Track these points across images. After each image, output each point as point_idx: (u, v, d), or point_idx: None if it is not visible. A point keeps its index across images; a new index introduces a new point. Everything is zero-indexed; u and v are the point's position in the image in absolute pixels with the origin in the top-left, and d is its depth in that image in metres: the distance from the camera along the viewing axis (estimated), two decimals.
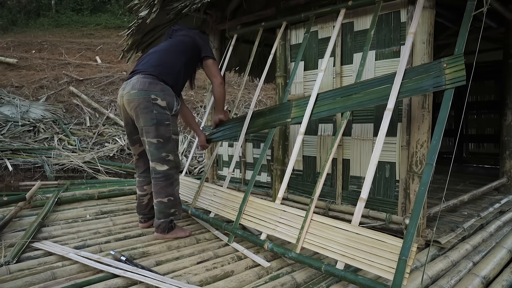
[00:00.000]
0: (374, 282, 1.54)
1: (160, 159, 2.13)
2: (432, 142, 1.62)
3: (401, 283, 1.44)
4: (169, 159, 2.15)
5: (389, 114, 1.83)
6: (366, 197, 1.76)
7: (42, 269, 1.77)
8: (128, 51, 3.74)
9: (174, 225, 2.29)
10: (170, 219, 2.22)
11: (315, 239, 1.83)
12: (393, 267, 1.51)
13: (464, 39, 1.71)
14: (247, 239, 2.14)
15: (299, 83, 2.76)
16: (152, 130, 2.07)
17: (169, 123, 2.12)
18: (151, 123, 2.06)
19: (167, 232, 2.23)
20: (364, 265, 1.61)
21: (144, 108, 2.05)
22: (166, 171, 2.15)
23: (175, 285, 1.59)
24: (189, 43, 2.32)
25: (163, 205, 2.19)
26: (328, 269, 1.68)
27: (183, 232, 2.30)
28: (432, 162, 1.59)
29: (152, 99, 2.05)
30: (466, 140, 5.14)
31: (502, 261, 1.96)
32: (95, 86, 8.35)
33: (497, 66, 4.44)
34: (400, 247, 1.52)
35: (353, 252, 1.67)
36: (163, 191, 2.16)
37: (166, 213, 2.20)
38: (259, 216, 2.15)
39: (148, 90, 2.05)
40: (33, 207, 2.90)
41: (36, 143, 5.91)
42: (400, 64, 1.89)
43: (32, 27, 13.12)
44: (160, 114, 2.07)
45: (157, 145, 2.10)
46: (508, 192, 3.34)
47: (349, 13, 2.40)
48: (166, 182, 2.16)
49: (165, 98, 2.09)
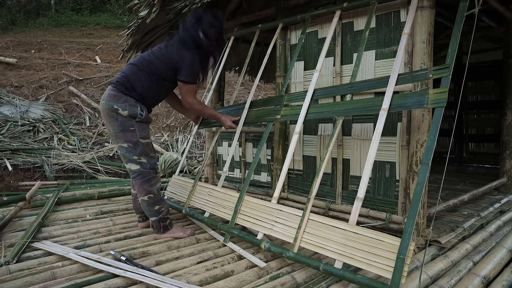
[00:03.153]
0: (372, 281, 1.54)
1: (132, 161, 2.24)
2: (428, 142, 1.63)
3: (399, 281, 1.45)
4: (141, 161, 2.25)
5: (384, 114, 1.84)
6: (363, 196, 1.76)
7: (42, 269, 1.77)
8: (128, 51, 3.74)
9: (170, 224, 2.33)
10: (159, 218, 2.27)
11: (313, 238, 1.82)
12: (391, 266, 1.51)
13: (457, 39, 1.72)
14: (243, 239, 2.13)
15: (299, 83, 2.76)
16: (120, 136, 2.22)
17: (134, 128, 2.23)
18: (118, 130, 2.21)
19: (162, 231, 2.29)
20: (362, 264, 1.61)
21: (110, 117, 2.21)
22: (140, 170, 2.24)
23: (175, 285, 1.59)
24: (168, 62, 2.27)
25: (145, 203, 2.27)
26: (326, 268, 1.68)
27: (181, 232, 2.33)
28: (428, 162, 1.59)
29: (114, 109, 2.19)
30: (466, 140, 5.14)
31: (502, 261, 1.96)
32: (94, 86, 8.34)
33: (497, 66, 4.45)
34: (398, 246, 1.52)
35: (351, 251, 1.67)
36: (142, 189, 2.25)
37: (151, 211, 2.27)
38: (256, 215, 2.13)
39: (112, 101, 2.20)
40: (33, 207, 2.90)
41: (36, 143, 5.90)
42: (394, 64, 1.91)
43: (31, 27, 13.11)
44: (124, 121, 2.21)
45: (128, 149, 2.22)
46: (508, 191, 3.34)
47: (349, 13, 2.41)
48: (142, 179, 2.25)
49: (126, 108, 2.20)
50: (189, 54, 2.26)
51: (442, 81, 1.70)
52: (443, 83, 1.69)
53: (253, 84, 3.18)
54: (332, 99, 2.53)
